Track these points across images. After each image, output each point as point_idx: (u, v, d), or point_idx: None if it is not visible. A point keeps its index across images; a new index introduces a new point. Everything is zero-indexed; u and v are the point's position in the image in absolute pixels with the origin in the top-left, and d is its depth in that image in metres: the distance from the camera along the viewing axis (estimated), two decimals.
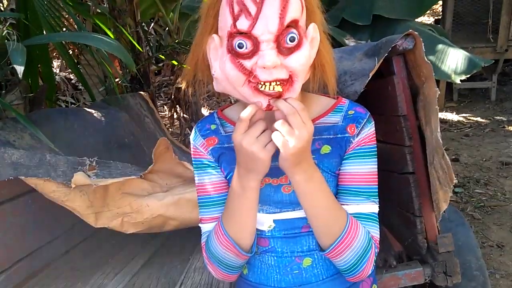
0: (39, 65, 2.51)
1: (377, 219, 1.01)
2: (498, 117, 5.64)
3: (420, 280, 1.39)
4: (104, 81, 3.36)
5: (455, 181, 1.17)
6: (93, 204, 1.63)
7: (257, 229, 1.02)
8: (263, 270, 1.06)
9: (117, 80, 3.46)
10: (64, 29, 2.67)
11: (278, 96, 0.86)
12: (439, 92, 1.17)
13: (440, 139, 1.18)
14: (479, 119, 5.67)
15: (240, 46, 0.84)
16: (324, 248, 0.96)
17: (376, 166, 1.01)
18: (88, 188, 1.58)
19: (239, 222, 0.97)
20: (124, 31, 3.01)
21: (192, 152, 1.09)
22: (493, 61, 3.95)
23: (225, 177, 1.05)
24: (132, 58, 3.15)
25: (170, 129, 4.78)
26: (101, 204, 1.65)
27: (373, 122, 1.01)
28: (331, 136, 0.99)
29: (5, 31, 1.46)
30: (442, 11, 6.64)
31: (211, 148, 1.05)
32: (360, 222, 0.96)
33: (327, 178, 0.97)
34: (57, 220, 1.86)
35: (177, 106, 4.51)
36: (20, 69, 1.35)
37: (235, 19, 0.83)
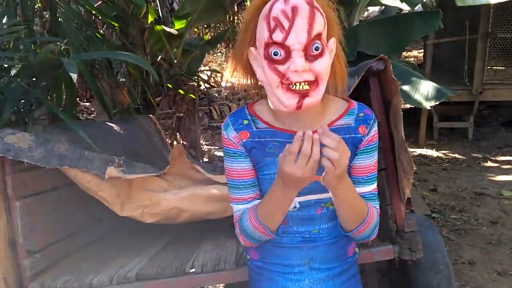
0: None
1: (377, 195, 1.27)
2: (474, 154, 6.04)
3: (390, 255, 1.70)
4: (115, 106, 3.71)
5: (415, 168, 1.50)
6: (120, 196, 1.93)
7: None
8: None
9: (125, 104, 3.81)
10: None
11: (306, 93, 1.05)
12: (402, 102, 1.53)
13: (404, 137, 1.53)
14: (456, 155, 6.07)
15: (275, 54, 1.05)
16: (349, 230, 1.21)
17: (377, 157, 1.25)
18: (117, 181, 1.89)
19: (272, 216, 1.16)
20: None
21: (223, 140, 1.25)
22: (459, 92, 4.41)
23: (253, 166, 1.23)
24: (143, 84, 3.54)
25: None
26: (126, 196, 1.95)
27: (377, 122, 1.25)
28: (346, 136, 1.19)
29: (63, 47, 1.81)
30: (423, 56, 7.19)
31: (244, 141, 1.21)
32: (368, 200, 1.22)
33: None
34: (85, 215, 2.16)
35: (177, 134, 4.84)
36: (74, 76, 1.69)
37: (271, 32, 1.04)
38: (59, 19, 2.53)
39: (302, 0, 1.03)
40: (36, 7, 3.34)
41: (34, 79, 2.10)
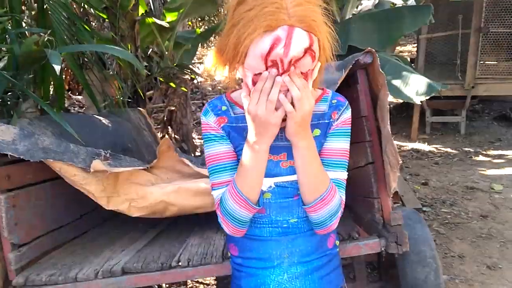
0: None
1: (345, 185, 1.25)
2: (466, 149, 6.07)
3: (377, 248, 1.70)
4: (104, 99, 3.68)
5: (400, 162, 1.50)
6: (106, 189, 1.91)
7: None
8: (257, 224, 1.29)
9: (114, 98, 3.79)
10: None
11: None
12: (389, 94, 1.52)
13: (390, 131, 1.53)
14: (449, 149, 6.09)
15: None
16: (307, 204, 1.19)
17: (349, 145, 1.25)
18: (103, 175, 1.87)
19: (250, 181, 1.16)
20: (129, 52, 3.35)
21: (203, 127, 1.26)
22: (449, 86, 4.42)
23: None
24: (134, 78, 3.51)
25: None
26: (112, 190, 1.93)
27: (350, 109, 1.27)
28: (320, 122, 1.24)
29: (46, 38, 1.78)
30: (416, 51, 7.19)
31: (222, 125, 1.25)
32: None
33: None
34: (71, 208, 2.14)
35: (169, 127, 4.82)
36: (57, 67, 1.67)
37: (266, 68, 1.05)
38: (48, 12, 2.50)
39: (302, 47, 1.03)
40: None
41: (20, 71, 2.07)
